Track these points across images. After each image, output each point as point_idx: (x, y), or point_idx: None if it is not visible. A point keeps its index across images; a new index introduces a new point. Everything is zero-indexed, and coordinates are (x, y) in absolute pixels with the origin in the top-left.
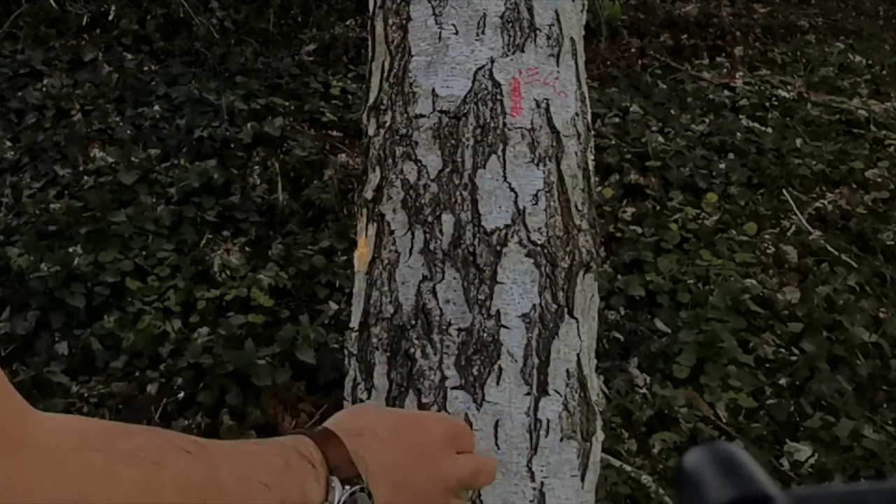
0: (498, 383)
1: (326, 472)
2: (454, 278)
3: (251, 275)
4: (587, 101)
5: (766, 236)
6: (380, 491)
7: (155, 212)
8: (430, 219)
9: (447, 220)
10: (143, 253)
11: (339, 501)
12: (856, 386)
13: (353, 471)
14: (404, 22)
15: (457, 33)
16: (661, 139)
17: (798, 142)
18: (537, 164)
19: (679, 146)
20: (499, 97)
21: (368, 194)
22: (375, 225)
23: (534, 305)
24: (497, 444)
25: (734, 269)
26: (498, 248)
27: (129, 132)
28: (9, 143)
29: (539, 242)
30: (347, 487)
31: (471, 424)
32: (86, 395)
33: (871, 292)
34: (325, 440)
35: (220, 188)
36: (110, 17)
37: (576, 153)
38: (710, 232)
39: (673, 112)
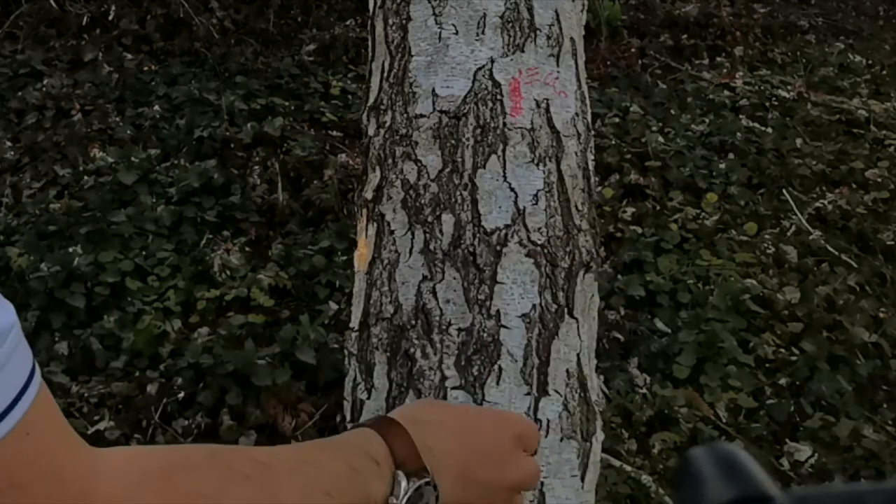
0: (498, 383)
1: (392, 466)
2: (454, 278)
3: (251, 275)
4: (587, 101)
5: (766, 236)
6: (445, 483)
7: (155, 212)
8: (430, 219)
9: (447, 220)
10: (143, 253)
11: (403, 496)
12: (856, 386)
13: (419, 463)
14: (404, 22)
15: (457, 33)
16: (661, 139)
17: (798, 142)
18: (537, 164)
19: (679, 146)
20: (499, 97)
21: (368, 194)
22: (375, 225)
23: (534, 305)
24: None
25: (734, 269)
26: (498, 248)
27: (129, 132)
28: (9, 143)
29: (539, 242)
30: (413, 481)
31: None
32: (86, 395)
33: (871, 292)
34: (390, 432)
35: (220, 188)
36: (110, 17)
37: (576, 153)
38: (710, 232)
39: (673, 112)
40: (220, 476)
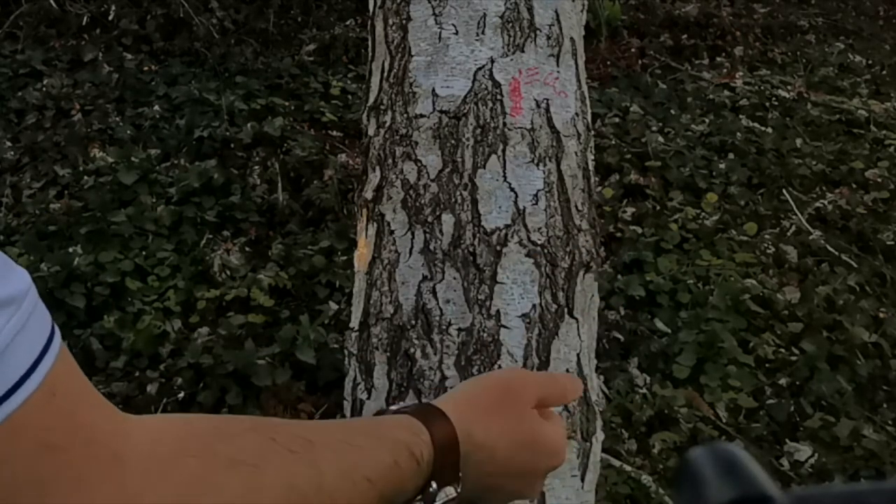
0: None
1: (430, 474)
2: (454, 278)
3: (251, 275)
4: (587, 101)
5: (766, 236)
6: (468, 490)
7: (155, 212)
8: (430, 219)
9: (447, 220)
10: (143, 253)
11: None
12: (856, 386)
13: (456, 478)
14: (404, 22)
15: (457, 33)
16: (661, 139)
17: (798, 142)
18: (537, 164)
19: (679, 146)
20: (499, 97)
21: (368, 194)
22: (375, 225)
23: (534, 305)
24: None
25: (734, 269)
26: (498, 248)
27: (129, 132)
28: (9, 143)
29: (539, 242)
30: (443, 494)
31: None
32: None
33: (871, 292)
34: (443, 444)
35: (220, 188)
36: (110, 17)
37: (576, 153)
38: (710, 232)
39: (673, 112)
40: (262, 447)
